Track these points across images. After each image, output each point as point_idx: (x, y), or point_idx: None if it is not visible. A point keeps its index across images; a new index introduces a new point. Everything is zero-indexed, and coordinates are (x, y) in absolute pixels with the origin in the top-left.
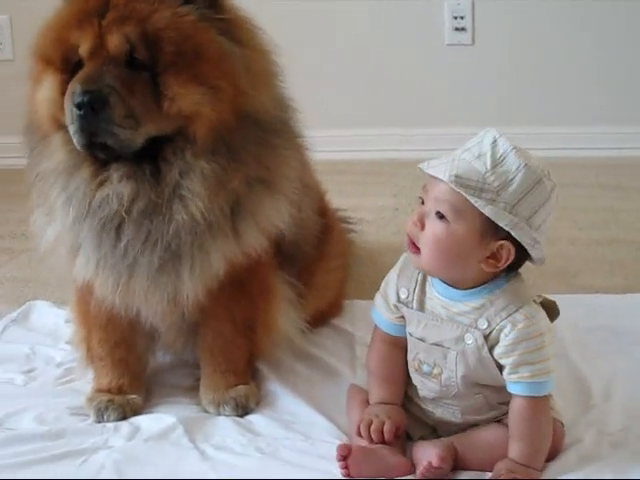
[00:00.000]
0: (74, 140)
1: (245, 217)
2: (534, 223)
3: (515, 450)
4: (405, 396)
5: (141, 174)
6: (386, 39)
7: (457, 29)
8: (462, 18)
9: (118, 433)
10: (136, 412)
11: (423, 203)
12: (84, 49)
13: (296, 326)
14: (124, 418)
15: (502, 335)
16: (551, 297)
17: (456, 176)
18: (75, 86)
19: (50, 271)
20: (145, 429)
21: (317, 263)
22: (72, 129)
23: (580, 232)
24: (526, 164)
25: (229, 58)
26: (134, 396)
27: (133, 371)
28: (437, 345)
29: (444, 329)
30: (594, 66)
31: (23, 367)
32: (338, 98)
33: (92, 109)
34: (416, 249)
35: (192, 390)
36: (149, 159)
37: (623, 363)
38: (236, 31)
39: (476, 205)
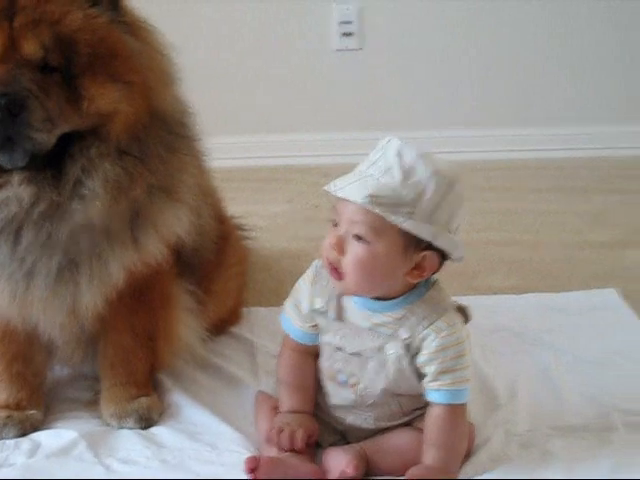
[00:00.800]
0: None
1: (145, 225)
2: (452, 226)
3: (431, 457)
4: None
5: (42, 177)
6: (275, 44)
7: (345, 34)
8: (350, 23)
9: (18, 450)
10: (36, 428)
11: (336, 225)
12: None
13: (197, 335)
14: (24, 434)
15: (425, 343)
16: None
17: (369, 196)
18: None
19: None
20: (46, 445)
21: (216, 270)
22: None
23: (477, 234)
24: (436, 171)
25: (138, 55)
26: (33, 411)
27: (31, 385)
28: (356, 355)
29: (364, 339)
30: (485, 67)
31: None
32: (228, 104)
33: (9, 113)
34: (338, 275)
35: (92, 404)
36: (51, 163)
37: (524, 363)
38: (138, 32)
39: (395, 222)
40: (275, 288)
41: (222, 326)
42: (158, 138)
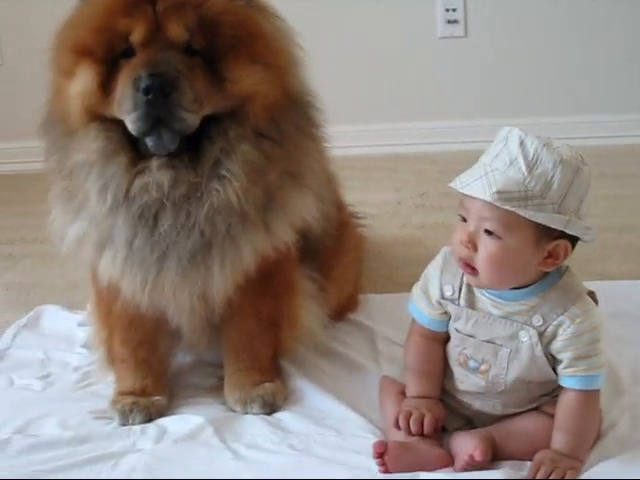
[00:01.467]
0: (134, 127)
1: (276, 210)
2: (582, 212)
3: (560, 442)
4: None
5: (179, 161)
6: (381, 35)
7: (449, 21)
8: (454, 10)
9: (145, 435)
10: (161, 414)
11: (464, 220)
12: (138, 36)
13: (319, 321)
14: (150, 420)
15: (560, 330)
16: None
17: (497, 192)
18: (139, 71)
19: (67, 273)
20: (173, 431)
21: (335, 257)
22: (133, 116)
23: (589, 220)
24: (561, 158)
25: (274, 37)
26: (158, 397)
27: (156, 372)
28: (489, 342)
29: (496, 327)
30: (582, 57)
31: (39, 373)
32: (334, 93)
33: (162, 93)
34: (472, 269)
35: (215, 390)
36: (188, 147)
37: None
38: (267, 15)
39: (526, 216)
40: (389, 275)
41: (341, 313)
42: (292, 121)
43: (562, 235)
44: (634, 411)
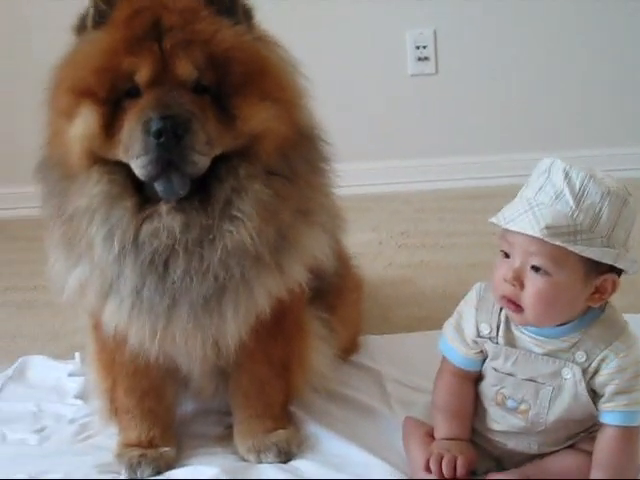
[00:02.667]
0: (142, 172)
1: (289, 250)
2: (629, 244)
3: (599, 478)
4: None
5: (189, 205)
6: (351, 72)
7: (420, 59)
8: (425, 48)
9: None
10: (170, 466)
11: (507, 256)
12: (144, 76)
13: (329, 364)
14: (159, 473)
15: (603, 365)
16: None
17: (547, 227)
18: (148, 113)
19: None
20: None
21: (340, 296)
22: (143, 160)
23: None
24: (609, 190)
25: (284, 71)
26: (167, 449)
27: (163, 422)
28: (529, 380)
29: (538, 364)
30: (560, 93)
31: (33, 426)
32: None
33: (174, 136)
34: (517, 307)
35: (224, 439)
36: (198, 188)
37: None
38: (271, 47)
39: (576, 251)
40: (383, 314)
41: (345, 354)
42: (302, 156)
43: (610, 269)
44: None
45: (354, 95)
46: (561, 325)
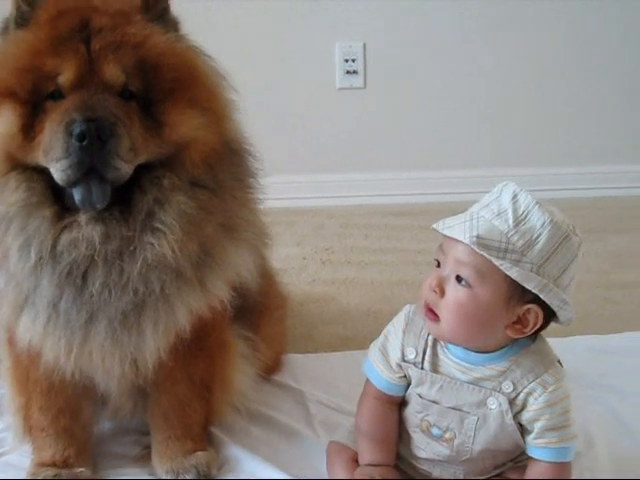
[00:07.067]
0: (62, 177)
1: (211, 266)
2: (562, 283)
3: None
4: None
5: (109, 215)
6: (280, 86)
7: (349, 72)
8: (354, 61)
9: None
10: None
11: (439, 265)
12: (67, 77)
13: (250, 384)
14: None
15: (531, 399)
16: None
17: (477, 237)
18: (72, 115)
19: None
20: None
21: (263, 314)
22: (63, 164)
23: None
24: (551, 220)
25: (214, 81)
26: (82, 469)
27: (79, 441)
28: (455, 409)
29: (463, 393)
30: (490, 107)
31: None
32: None
33: (98, 139)
34: (434, 316)
35: (141, 459)
36: (118, 198)
37: (591, 409)
38: (203, 57)
39: (501, 267)
40: (307, 333)
41: (267, 374)
42: (228, 169)
43: (536, 300)
44: (593, 475)
45: (281, 107)
46: (487, 352)
